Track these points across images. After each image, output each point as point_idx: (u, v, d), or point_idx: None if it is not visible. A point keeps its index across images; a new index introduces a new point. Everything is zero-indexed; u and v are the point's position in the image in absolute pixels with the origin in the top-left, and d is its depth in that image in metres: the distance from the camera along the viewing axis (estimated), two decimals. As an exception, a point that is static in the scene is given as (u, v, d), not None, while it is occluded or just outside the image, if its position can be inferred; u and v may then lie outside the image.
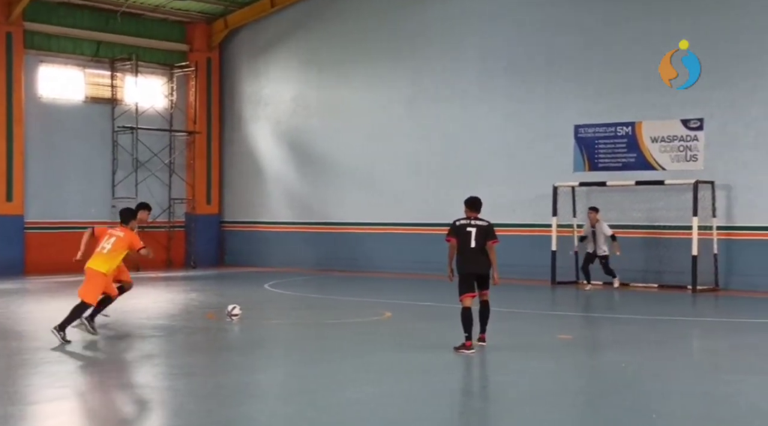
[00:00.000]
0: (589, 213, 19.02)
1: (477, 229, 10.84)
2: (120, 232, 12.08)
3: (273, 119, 26.40)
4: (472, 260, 10.79)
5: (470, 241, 10.78)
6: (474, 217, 10.99)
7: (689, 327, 13.97)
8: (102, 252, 11.88)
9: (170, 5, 25.43)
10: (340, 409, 7.91)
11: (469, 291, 10.82)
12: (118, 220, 12.81)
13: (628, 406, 8.13)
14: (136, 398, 8.49)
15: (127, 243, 11.98)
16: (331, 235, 25.07)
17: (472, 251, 10.78)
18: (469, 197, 11.26)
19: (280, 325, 13.93)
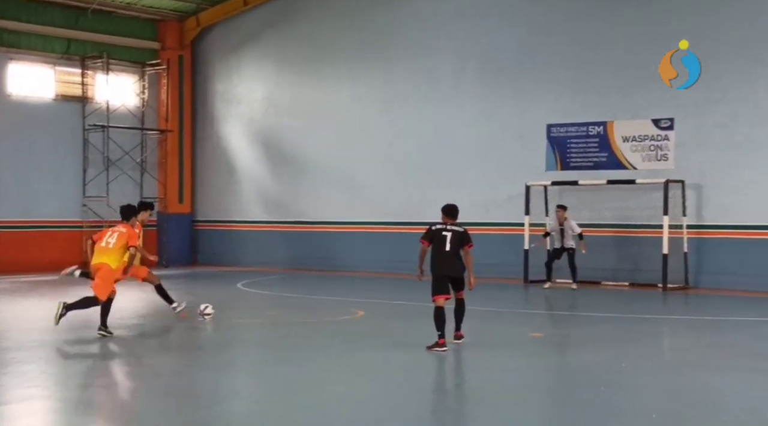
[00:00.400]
0: (558, 211, 19.14)
1: (452, 233, 11.09)
2: (122, 228, 12.25)
3: (246, 118, 26.31)
4: (447, 263, 11.01)
5: (445, 245, 11.02)
6: (450, 223, 11.23)
7: (659, 325, 14.10)
8: (108, 247, 12.00)
9: (142, 3, 25.26)
10: (313, 409, 7.89)
11: (443, 292, 10.99)
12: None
13: (599, 403, 8.20)
14: (107, 398, 8.42)
15: (126, 238, 12.07)
16: (304, 234, 25.02)
17: (447, 254, 11.01)
18: (445, 205, 11.49)
19: (252, 325, 13.89)
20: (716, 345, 11.70)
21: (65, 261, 24.52)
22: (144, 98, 26.55)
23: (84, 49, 25.06)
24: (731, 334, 12.71)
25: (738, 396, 8.47)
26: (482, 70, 22.01)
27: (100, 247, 12.03)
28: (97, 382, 9.10)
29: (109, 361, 10.27)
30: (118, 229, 12.20)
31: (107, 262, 11.93)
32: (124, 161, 25.73)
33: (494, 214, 21.30)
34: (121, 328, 13.04)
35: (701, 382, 9.11)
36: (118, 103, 25.59)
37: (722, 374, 9.50)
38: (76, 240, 24.91)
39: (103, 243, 12.05)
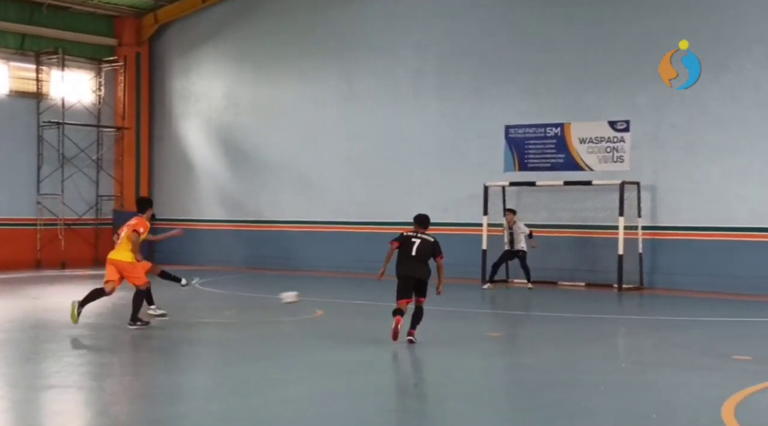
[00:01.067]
0: (507, 215, 19.26)
1: (421, 241, 11.47)
2: (133, 220, 12.60)
3: (204, 116, 26.11)
4: (410, 267, 11.35)
5: (412, 250, 11.37)
6: (421, 232, 11.64)
7: (615, 324, 14.27)
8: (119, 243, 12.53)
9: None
10: (270, 409, 7.87)
11: (406, 297, 11.33)
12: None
13: (554, 401, 8.27)
14: (63, 398, 8.31)
15: (132, 225, 12.42)
16: (263, 234, 24.91)
17: (412, 259, 11.36)
18: (417, 214, 11.89)
19: (210, 324, 13.80)
20: (669, 344, 11.87)
21: (19, 258, 24.32)
22: (100, 95, 26.22)
23: (39, 45, 24.67)
24: (684, 334, 12.91)
25: (689, 394, 8.60)
26: (442, 70, 22.09)
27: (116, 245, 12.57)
28: (50, 383, 8.97)
29: (63, 361, 10.12)
30: (129, 222, 12.59)
31: (119, 257, 12.40)
32: (80, 159, 25.40)
33: (453, 214, 21.38)
34: (75, 327, 12.88)
35: (654, 381, 9.24)
36: (73, 100, 25.25)
37: (674, 373, 9.64)
38: (30, 238, 24.55)
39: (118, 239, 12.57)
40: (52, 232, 24.70)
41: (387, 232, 22.41)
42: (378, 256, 22.24)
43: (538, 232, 20.12)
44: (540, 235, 20.09)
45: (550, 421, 7.55)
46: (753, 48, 18.40)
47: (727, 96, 18.67)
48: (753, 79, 18.41)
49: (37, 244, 24.70)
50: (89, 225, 25.66)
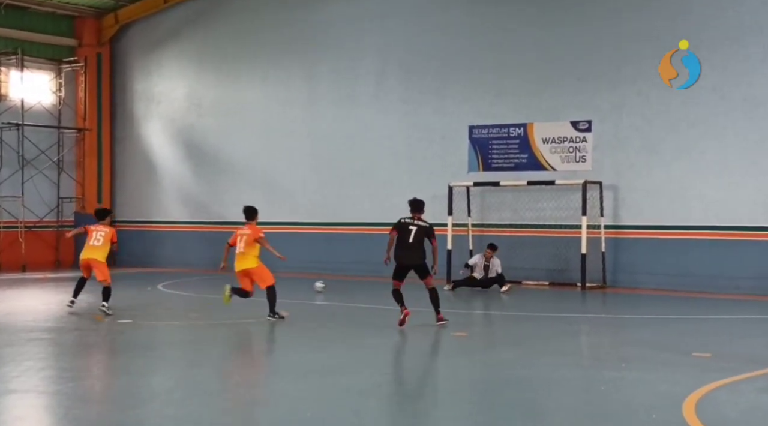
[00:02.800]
0: (487, 251, 18.74)
1: (417, 228, 12.48)
2: (248, 230, 13.64)
3: (166, 117, 25.92)
4: (407, 254, 12.42)
5: (409, 238, 12.39)
6: (417, 218, 12.61)
7: (578, 323, 14.38)
8: (242, 251, 13.50)
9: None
10: (233, 411, 7.83)
11: (399, 279, 12.56)
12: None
13: (515, 400, 8.32)
14: (22, 403, 8.20)
15: (253, 237, 13.53)
16: (225, 235, 24.63)
17: (409, 246, 12.40)
18: (412, 199, 12.92)
19: (173, 327, 13.69)
20: (630, 342, 11.99)
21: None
22: (61, 96, 25.94)
23: (-3, 45, 24.37)
24: (644, 332, 13.04)
25: (649, 391, 8.69)
26: (404, 71, 22.13)
27: (236, 254, 13.54)
28: (9, 388, 8.85)
29: (23, 365, 9.99)
30: (245, 232, 13.59)
31: (251, 265, 13.47)
32: (40, 160, 25.09)
33: (417, 214, 21.38)
34: (36, 331, 12.73)
35: (615, 379, 9.32)
36: (33, 101, 24.95)
37: (635, 370, 9.74)
38: (-11, 241, 24.21)
39: (237, 250, 13.54)
40: (12, 235, 24.38)
41: (350, 233, 22.52)
42: (346, 257, 22.38)
43: (501, 232, 20.27)
44: (504, 235, 20.23)
45: (509, 419, 7.59)
46: (711, 50, 18.62)
47: (687, 98, 18.88)
48: (711, 82, 18.63)
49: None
50: (50, 227, 25.37)
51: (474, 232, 20.89)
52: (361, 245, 22.12)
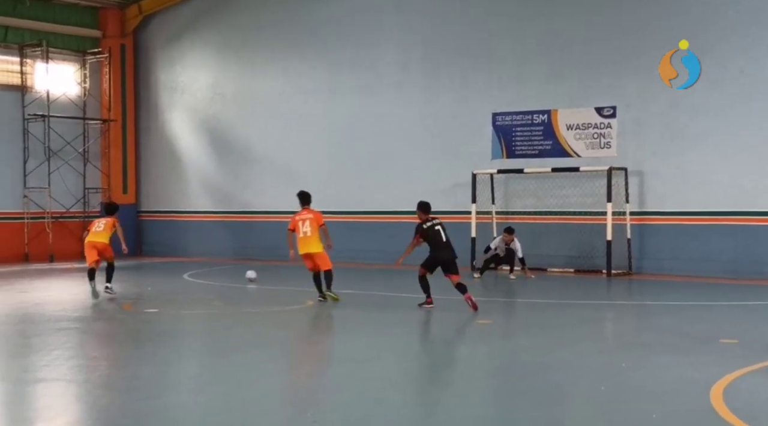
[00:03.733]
0: (505, 235, 18.81)
1: (441, 225, 13.25)
2: (310, 214, 14.33)
3: (189, 107, 26.02)
4: (447, 251, 13.07)
5: (442, 237, 13.13)
6: (432, 218, 13.29)
7: (603, 310, 14.32)
8: (307, 236, 14.16)
9: (82, -10, 24.80)
10: (258, 399, 7.86)
11: (429, 270, 13.18)
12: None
13: (539, 386, 8.30)
14: (50, 392, 8.29)
15: (315, 220, 14.26)
16: (249, 224, 24.88)
17: (446, 244, 13.11)
18: (421, 202, 13.52)
19: (198, 316, 13.78)
20: (656, 329, 11.92)
21: (7, 253, 24.20)
22: (85, 87, 26.09)
23: (22, 37, 24.52)
24: (670, 318, 12.96)
25: (677, 378, 8.64)
26: (426, 59, 22.05)
27: (301, 238, 14.09)
28: (38, 377, 8.94)
29: (49, 355, 10.09)
30: (307, 216, 14.22)
31: (317, 250, 14.07)
32: (66, 151, 25.28)
33: (441, 202, 21.27)
34: (64, 320, 12.85)
35: (641, 366, 9.27)
36: (58, 93, 25.11)
37: (662, 357, 9.68)
38: (17, 231, 24.45)
39: (301, 234, 14.11)
40: (40, 226, 24.60)
41: (374, 222, 22.53)
42: (366, 245, 22.39)
43: (526, 219, 20.21)
44: (528, 223, 20.17)
45: (533, 405, 7.58)
46: (735, 34, 18.42)
47: (711, 82, 18.69)
48: (737, 67, 18.42)
49: (24, 237, 24.60)
50: (77, 218, 25.57)
51: (498, 219, 20.82)
52: (382, 234, 22.12)
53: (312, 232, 14.11)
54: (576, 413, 7.43)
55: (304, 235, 14.09)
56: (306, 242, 14.10)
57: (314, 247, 14.11)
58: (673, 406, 7.53)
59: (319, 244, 14.19)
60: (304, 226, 14.11)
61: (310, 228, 14.09)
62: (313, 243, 14.12)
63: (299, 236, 14.16)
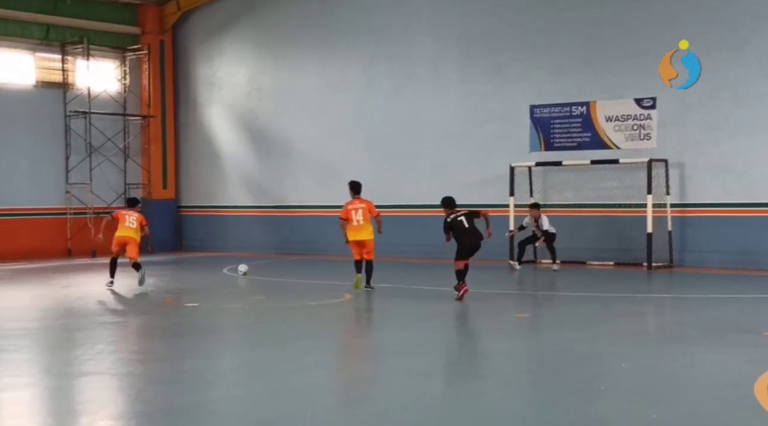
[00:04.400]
0: (531, 211, 18.92)
1: (465, 216, 13.79)
2: (362, 204, 15.04)
3: (228, 102, 26.20)
4: (470, 240, 13.73)
5: (464, 224, 13.71)
6: (456, 212, 13.84)
7: (643, 303, 14.19)
8: (360, 224, 14.85)
9: (121, -13, 25.05)
10: (298, 393, 7.91)
11: (463, 259, 13.77)
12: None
13: (578, 380, 8.25)
14: (94, 385, 8.42)
15: (368, 209, 15.01)
16: (288, 219, 25.00)
17: (469, 231, 13.73)
18: (445, 197, 14.08)
19: (238, 310, 13.89)
20: (698, 321, 11.79)
21: (50, 248, 24.60)
22: (125, 84, 26.38)
23: (63, 35, 24.85)
24: (713, 311, 12.81)
25: (720, 371, 8.55)
26: (462, 52, 21.96)
27: (354, 226, 14.79)
28: (83, 370, 9.08)
29: (93, 349, 10.25)
30: (360, 206, 14.94)
31: (369, 237, 14.87)
32: (107, 147, 25.59)
33: (478, 195, 21.28)
34: (106, 314, 13.03)
35: (684, 359, 9.18)
36: (99, 89, 25.42)
37: (704, 350, 9.58)
38: (60, 227, 24.82)
39: (354, 222, 14.81)
40: (82, 221, 24.95)
41: (411, 215, 22.51)
42: (402, 239, 22.34)
43: (564, 212, 20.08)
44: (567, 215, 20.04)
45: (571, 399, 7.54)
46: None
47: (753, 71, 18.42)
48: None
49: (67, 233, 24.96)
50: (118, 213, 25.82)
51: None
52: (418, 227, 22.10)
53: (364, 220, 14.85)
54: (616, 407, 7.38)
55: (357, 223, 14.80)
56: (359, 230, 14.82)
57: (366, 235, 14.87)
58: (716, 399, 7.45)
59: (371, 231, 14.92)
60: (357, 214, 14.82)
61: (363, 216, 14.83)
62: (365, 230, 14.86)
63: (352, 224, 14.82)
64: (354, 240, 14.84)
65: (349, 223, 14.86)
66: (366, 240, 14.86)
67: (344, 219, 14.94)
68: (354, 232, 14.82)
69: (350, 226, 14.85)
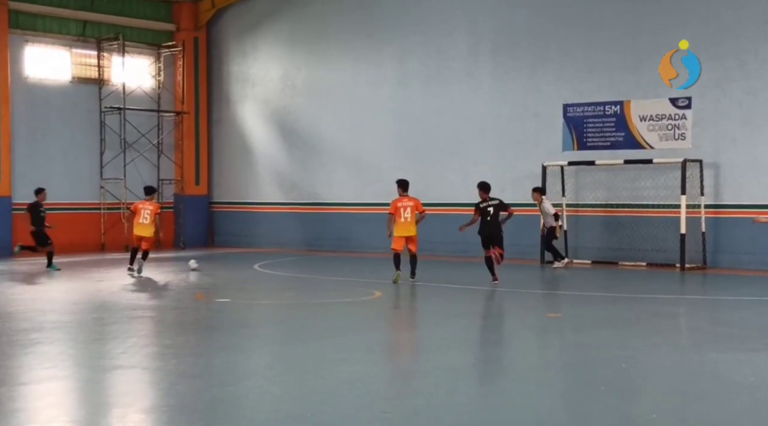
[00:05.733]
0: (534, 194, 19.06)
1: (493, 207, 15.18)
2: (410, 202, 15.86)
3: (261, 99, 26.31)
4: (488, 229, 15.22)
5: (487, 216, 15.21)
6: (488, 198, 15.29)
7: (676, 304, 14.06)
8: (407, 221, 15.68)
9: (157, -16, 25.24)
10: (328, 389, 7.94)
11: (487, 248, 15.24)
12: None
13: (609, 379, 8.20)
14: (127, 379, 8.50)
15: (416, 206, 15.83)
16: (319, 215, 25.06)
17: (488, 222, 15.22)
18: (481, 182, 15.56)
19: (269, 306, 13.96)
20: (731, 323, 11.65)
21: (84, 242, 24.87)
22: (160, 80, 26.59)
23: (99, 31, 25.11)
24: (746, 313, 12.66)
25: (751, 374, 8.45)
26: (497, 48, 21.89)
27: (402, 222, 15.56)
28: (115, 364, 9.17)
29: (126, 343, 10.35)
30: (408, 204, 15.69)
31: (414, 233, 15.70)
32: (141, 143, 25.82)
33: (510, 193, 21.14)
34: (139, 309, 13.16)
35: (714, 361, 9.09)
36: (134, 85, 25.65)
37: (735, 352, 9.47)
38: (94, 221, 25.09)
39: (402, 219, 15.58)
40: (116, 216, 25.19)
41: (443, 214, 22.46)
42: (434, 237, 22.34)
43: (597, 212, 19.93)
44: (599, 215, 19.91)
45: (604, 399, 7.49)
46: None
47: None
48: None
49: (101, 227, 25.22)
50: (151, 208, 26.02)
51: (568, 212, 20.60)
52: (450, 224, 22.00)
53: (411, 217, 15.62)
54: (650, 408, 7.32)
55: (405, 220, 15.56)
56: (406, 227, 15.59)
57: (413, 231, 15.71)
58: (750, 401, 7.37)
59: (416, 227, 15.78)
60: (405, 212, 15.58)
61: (411, 214, 15.59)
62: (412, 227, 15.67)
63: (399, 220, 15.57)
64: (400, 236, 15.60)
65: (397, 219, 15.58)
66: (412, 236, 15.70)
67: (392, 214, 15.69)
68: (401, 229, 15.58)
69: (397, 222, 15.60)
